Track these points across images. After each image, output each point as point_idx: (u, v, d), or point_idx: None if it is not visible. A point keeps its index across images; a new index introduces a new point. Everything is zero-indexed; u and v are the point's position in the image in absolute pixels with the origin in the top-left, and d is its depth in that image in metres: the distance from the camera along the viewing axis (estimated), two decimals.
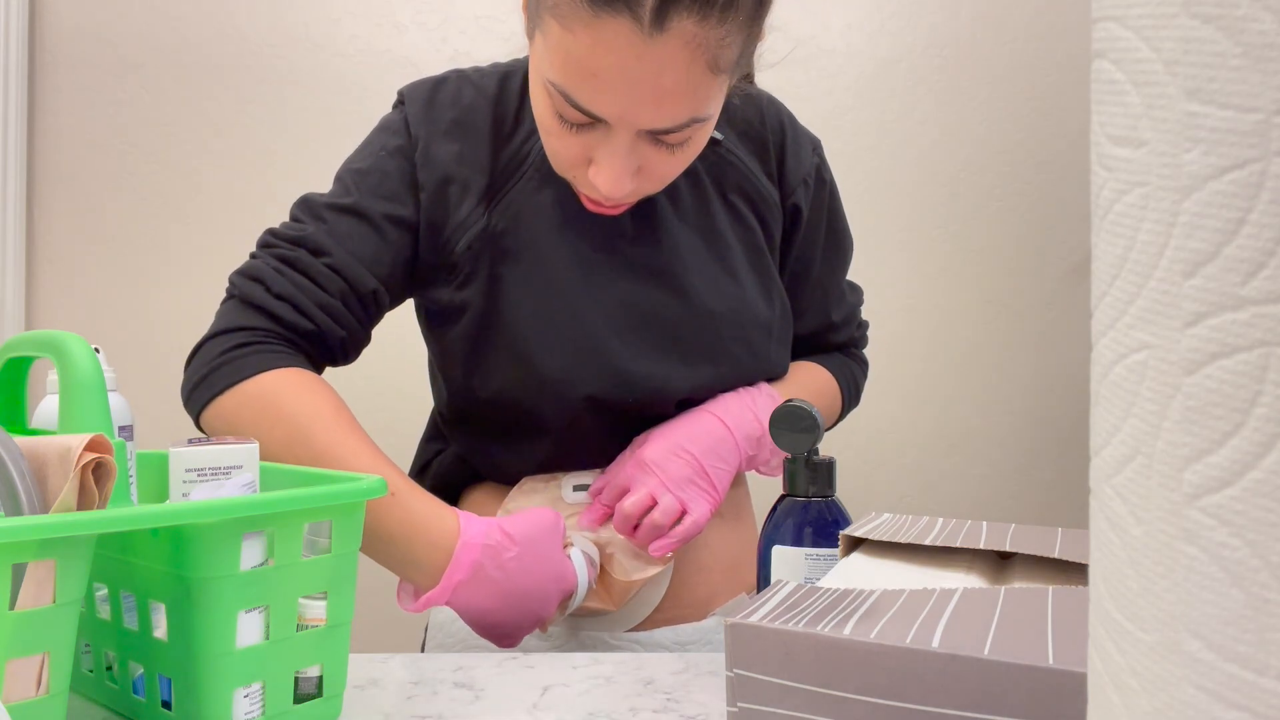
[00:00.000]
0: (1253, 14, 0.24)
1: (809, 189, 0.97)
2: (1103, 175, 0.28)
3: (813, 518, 0.74)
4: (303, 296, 0.83)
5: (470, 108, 0.89)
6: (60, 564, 0.50)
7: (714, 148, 0.93)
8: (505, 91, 0.91)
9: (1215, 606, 0.25)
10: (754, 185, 0.95)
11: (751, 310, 0.93)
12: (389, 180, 0.88)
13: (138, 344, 1.72)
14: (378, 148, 0.90)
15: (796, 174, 0.96)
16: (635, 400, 0.89)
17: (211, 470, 0.67)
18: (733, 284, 0.92)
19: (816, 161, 0.99)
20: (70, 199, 1.73)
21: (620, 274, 0.89)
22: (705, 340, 0.90)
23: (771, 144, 0.95)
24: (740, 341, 0.92)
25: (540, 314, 0.87)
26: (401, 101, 0.92)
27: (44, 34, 1.72)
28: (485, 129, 0.89)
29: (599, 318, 0.88)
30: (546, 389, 0.87)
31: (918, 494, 1.81)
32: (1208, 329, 0.25)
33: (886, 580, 0.59)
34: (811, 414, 0.74)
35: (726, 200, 0.94)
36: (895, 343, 1.79)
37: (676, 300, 0.90)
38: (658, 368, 0.89)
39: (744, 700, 0.48)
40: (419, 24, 1.75)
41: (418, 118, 0.89)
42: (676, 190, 0.91)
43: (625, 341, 0.88)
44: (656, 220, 0.91)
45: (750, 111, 0.95)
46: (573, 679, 0.73)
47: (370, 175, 0.88)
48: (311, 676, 0.63)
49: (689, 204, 0.92)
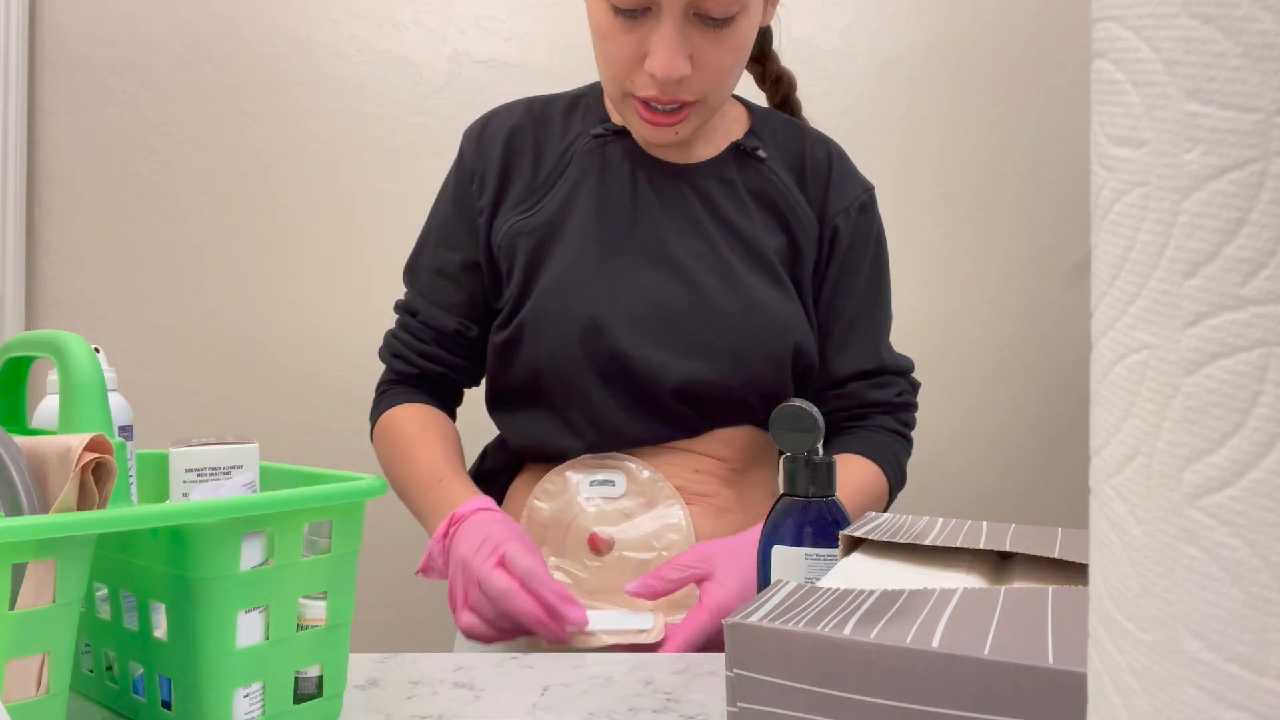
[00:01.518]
0: (1253, 14, 0.24)
1: (850, 218, 1.00)
2: (1103, 175, 0.28)
3: (813, 518, 0.74)
4: (408, 351, 1.04)
5: (518, 126, 1.01)
6: (60, 564, 0.50)
7: (756, 162, 0.98)
8: (551, 107, 1.03)
9: (1215, 606, 0.25)
10: (790, 204, 0.99)
11: (767, 314, 0.94)
12: (450, 228, 1.03)
13: (138, 344, 1.72)
14: (443, 196, 1.05)
15: (839, 203, 1.00)
16: (631, 381, 0.93)
17: (211, 470, 0.67)
18: (752, 286, 0.95)
19: (864, 199, 1.02)
20: (70, 199, 1.73)
21: (638, 263, 0.95)
22: (707, 335, 0.93)
23: (811, 172, 1.00)
24: (750, 341, 0.94)
25: (558, 290, 0.94)
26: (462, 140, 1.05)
27: (44, 34, 1.72)
28: (529, 143, 1.00)
29: (608, 300, 0.93)
30: (556, 362, 0.94)
31: (918, 494, 1.80)
32: (1208, 329, 0.25)
33: (886, 580, 0.59)
34: (811, 414, 0.74)
35: (760, 210, 0.98)
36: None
37: (688, 294, 0.94)
38: (655, 355, 0.92)
39: (744, 700, 0.48)
40: (419, 24, 1.74)
41: (472, 152, 1.02)
42: (709, 193, 0.97)
43: (628, 326, 0.93)
44: (684, 214, 0.96)
45: (795, 142, 1.02)
46: (573, 679, 0.73)
47: (435, 229, 1.04)
48: (311, 676, 0.63)
49: (721, 205, 0.97)
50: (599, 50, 0.91)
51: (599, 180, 0.98)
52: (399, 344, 1.05)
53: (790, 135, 1.03)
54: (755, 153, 0.99)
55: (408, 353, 1.04)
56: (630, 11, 0.86)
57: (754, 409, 0.96)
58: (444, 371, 1.04)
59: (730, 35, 0.87)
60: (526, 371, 0.96)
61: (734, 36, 0.88)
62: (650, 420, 0.94)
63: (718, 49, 0.88)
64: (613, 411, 0.94)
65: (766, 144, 1.00)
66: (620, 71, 0.90)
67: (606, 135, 0.99)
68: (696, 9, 0.85)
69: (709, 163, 0.99)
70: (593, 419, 0.94)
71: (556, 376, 0.94)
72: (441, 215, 1.04)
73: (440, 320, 1.02)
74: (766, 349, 0.94)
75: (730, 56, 0.89)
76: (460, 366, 1.04)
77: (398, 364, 1.05)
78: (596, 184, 0.98)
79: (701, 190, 0.98)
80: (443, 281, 1.02)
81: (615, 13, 0.86)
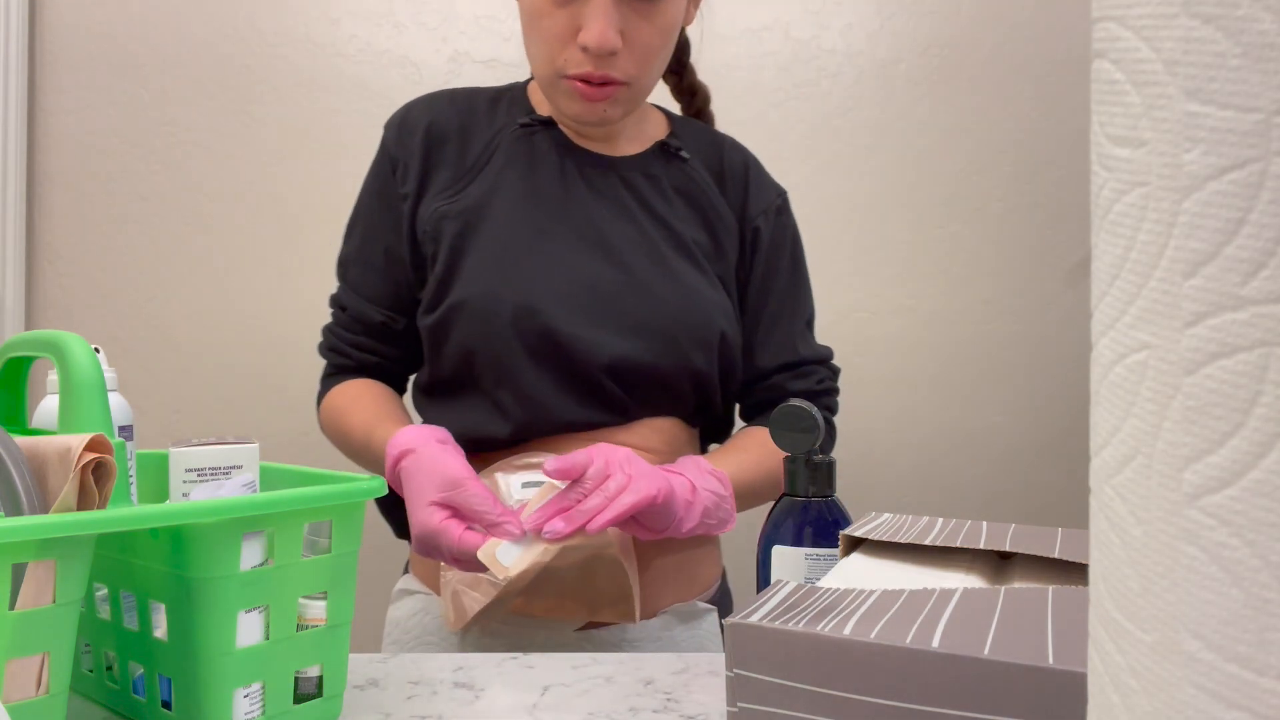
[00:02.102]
0: (1253, 14, 0.24)
1: (770, 220, 1.05)
2: (1103, 175, 0.28)
3: (813, 518, 0.74)
4: (341, 344, 1.04)
5: (442, 114, 1.02)
6: (60, 564, 0.50)
7: (679, 161, 1.02)
8: (475, 98, 1.04)
9: (1215, 606, 0.25)
10: (710, 202, 1.02)
11: (697, 299, 0.97)
12: (373, 220, 1.03)
13: (138, 344, 1.72)
14: (366, 189, 1.05)
15: (758, 205, 1.04)
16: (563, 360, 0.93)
17: (211, 470, 0.67)
18: (682, 273, 0.97)
19: (779, 203, 1.07)
20: (70, 199, 1.73)
21: (570, 244, 0.96)
22: (640, 316, 0.95)
23: (730, 175, 1.04)
24: (682, 323, 0.95)
25: (488, 270, 0.94)
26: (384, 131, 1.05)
27: (44, 34, 1.72)
28: (454, 130, 1.01)
29: (541, 279, 0.94)
30: (488, 341, 0.93)
31: (918, 494, 1.81)
32: (1208, 329, 0.25)
33: (886, 580, 0.59)
34: (812, 414, 0.74)
35: (684, 206, 1.01)
36: (895, 343, 1.79)
37: (620, 275, 0.95)
38: (587, 333, 0.93)
39: (744, 700, 0.48)
40: (419, 24, 1.75)
41: (394, 141, 1.02)
42: (636, 185, 1.00)
43: (562, 305, 0.93)
44: (613, 202, 0.98)
45: (713, 147, 1.06)
46: (573, 679, 0.73)
47: (359, 222, 1.05)
48: (311, 676, 0.63)
49: (646, 196, 1.00)
50: (531, 32, 0.94)
51: (527, 166, 0.99)
52: (334, 338, 1.05)
53: (707, 140, 1.07)
54: (679, 152, 1.02)
55: (341, 345, 1.04)
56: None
57: (682, 397, 0.97)
58: (379, 361, 1.04)
59: (660, 14, 0.92)
60: (459, 355, 0.95)
61: (663, 15, 0.92)
62: (581, 401, 0.94)
63: (648, 27, 0.92)
64: (544, 392, 0.93)
65: (687, 146, 1.04)
66: (554, 49, 0.92)
67: (534, 125, 1.01)
68: None
69: (635, 158, 1.02)
70: (523, 400, 0.93)
71: (489, 357, 0.94)
72: (365, 208, 1.04)
73: (368, 313, 1.02)
74: (697, 333, 0.96)
75: (658, 38, 0.93)
76: (395, 356, 1.04)
77: (335, 358, 1.05)
78: (525, 170, 0.99)
79: (629, 182, 1.00)
80: (369, 274, 1.02)
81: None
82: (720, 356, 0.98)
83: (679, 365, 0.95)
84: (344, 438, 1.00)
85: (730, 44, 1.75)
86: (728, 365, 1.00)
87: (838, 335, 1.81)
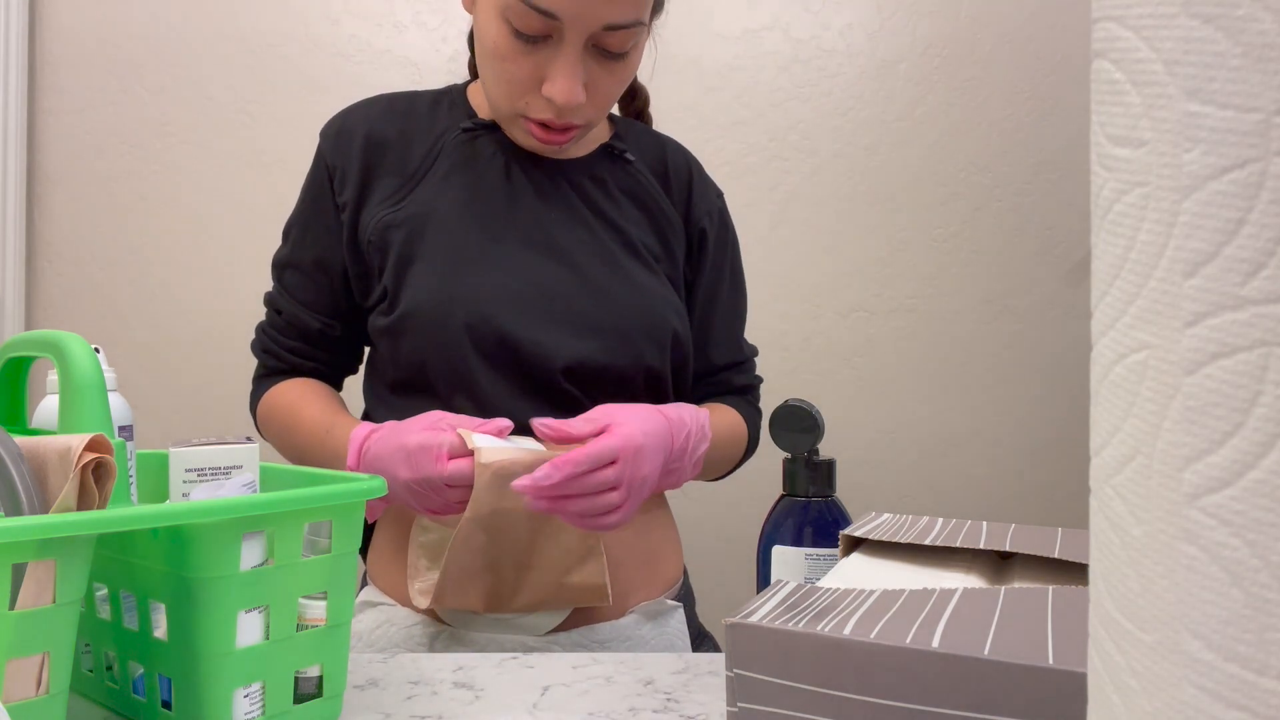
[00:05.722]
0: (1253, 14, 0.24)
1: (714, 222, 1.06)
2: (1103, 175, 0.28)
3: (813, 518, 0.74)
4: (276, 347, 1.03)
5: (381, 121, 1.00)
6: (60, 564, 0.50)
7: (625, 164, 1.03)
8: (415, 102, 1.02)
9: (1215, 606, 0.25)
10: (657, 204, 1.03)
11: (650, 297, 0.97)
12: (310, 226, 1.01)
13: (138, 344, 1.72)
14: (304, 195, 1.03)
15: (702, 206, 1.06)
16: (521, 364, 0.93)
17: (211, 470, 0.67)
18: (632, 272, 0.98)
19: (720, 205, 1.09)
20: (70, 199, 1.73)
21: (520, 248, 0.96)
22: (595, 316, 0.95)
23: (674, 177, 1.05)
24: (635, 322, 0.96)
25: (438, 277, 0.94)
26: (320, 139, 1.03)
27: (44, 34, 1.72)
28: (394, 136, 0.99)
29: (493, 284, 0.94)
30: (443, 349, 0.93)
31: (918, 494, 1.81)
32: (1208, 329, 0.25)
33: (886, 580, 0.59)
34: (812, 414, 0.74)
35: (632, 207, 1.02)
36: (895, 343, 1.79)
37: (572, 276, 0.96)
38: (544, 336, 0.93)
39: (744, 700, 0.48)
40: (419, 24, 1.75)
41: (330, 149, 1.00)
42: (584, 187, 1.00)
43: (516, 309, 0.93)
44: (561, 205, 0.98)
45: (656, 148, 1.07)
46: (573, 679, 0.73)
47: (296, 226, 1.03)
48: (311, 676, 0.63)
49: (594, 198, 1.00)
50: (492, 70, 0.91)
51: (472, 171, 0.98)
52: (268, 339, 1.04)
53: (650, 142, 1.07)
54: (624, 155, 1.03)
55: (276, 348, 1.03)
56: (532, 38, 0.87)
57: (636, 395, 0.97)
58: (315, 366, 1.03)
59: (623, 67, 0.92)
60: (412, 363, 0.94)
61: (626, 68, 0.92)
62: (538, 404, 0.93)
63: (611, 79, 0.91)
64: (502, 397, 0.93)
65: (631, 148, 1.04)
66: (515, 93, 0.91)
67: (476, 130, 1.00)
68: (597, 41, 0.88)
69: (581, 161, 1.02)
70: (480, 405, 0.93)
71: (443, 365, 0.93)
72: (301, 215, 1.03)
73: (304, 319, 1.01)
74: (651, 331, 0.97)
75: (620, 86, 0.94)
76: (331, 362, 1.04)
77: (268, 360, 1.04)
78: (470, 174, 0.98)
79: (576, 184, 1.00)
80: (306, 280, 1.01)
81: (515, 36, 0.87)
82: (673, 353, 0.99)
83: (634, 364, 0.96)
84: (291, 434, 0.98)
85: (730, 44, 1.75)
86: (680, 361, 1.01)
87: (837, 335, 1.81)
